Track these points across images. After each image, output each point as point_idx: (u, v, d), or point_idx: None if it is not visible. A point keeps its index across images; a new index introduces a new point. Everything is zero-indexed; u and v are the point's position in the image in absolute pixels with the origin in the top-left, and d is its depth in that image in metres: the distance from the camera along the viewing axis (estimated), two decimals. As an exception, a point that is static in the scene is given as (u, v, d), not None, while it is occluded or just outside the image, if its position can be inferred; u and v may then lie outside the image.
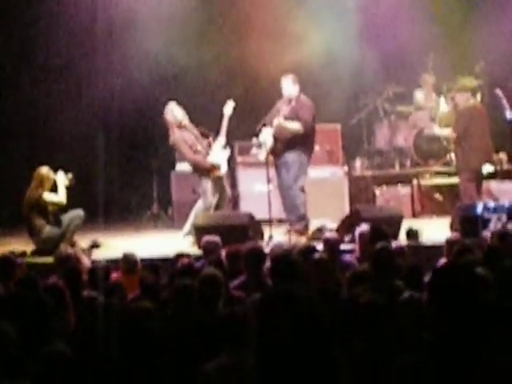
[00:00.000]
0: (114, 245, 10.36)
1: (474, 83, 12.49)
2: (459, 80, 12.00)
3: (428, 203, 12.54)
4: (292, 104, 10.51)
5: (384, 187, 12.71)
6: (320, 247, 8.01)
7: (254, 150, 12.15)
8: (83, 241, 10.24)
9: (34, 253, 9.84)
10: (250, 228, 9.85)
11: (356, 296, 5.02)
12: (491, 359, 3.40)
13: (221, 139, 10.60)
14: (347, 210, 11.46)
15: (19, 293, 5.42)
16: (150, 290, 6.50)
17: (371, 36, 12.84)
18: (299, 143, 10.42)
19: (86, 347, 4.57)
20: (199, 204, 10.67)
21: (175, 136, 10.59)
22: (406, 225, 9.94)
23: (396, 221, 9.92)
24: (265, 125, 10.53)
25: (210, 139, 10.74)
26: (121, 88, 13.19)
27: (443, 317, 3.47)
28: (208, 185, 10.56)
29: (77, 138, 13.27)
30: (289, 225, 10.49)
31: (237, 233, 9.41)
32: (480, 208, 9.72)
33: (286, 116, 10.44)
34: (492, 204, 9.95)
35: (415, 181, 12.73)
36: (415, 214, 12.43)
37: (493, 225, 9.48)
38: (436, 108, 13.45)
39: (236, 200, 12.38)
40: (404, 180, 12.87)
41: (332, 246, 7.73)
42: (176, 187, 12.75)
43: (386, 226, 8.36)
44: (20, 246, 10.06)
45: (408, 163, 13.56)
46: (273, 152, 10.57)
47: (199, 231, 9.56)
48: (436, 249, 8.58)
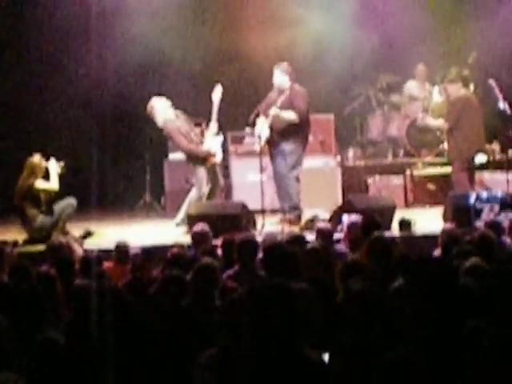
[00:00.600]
0: (107, 234, 10.35)
1: (467, 74, 12.49)
2: (452, 70, 11.99)
3: (421, 193, 12.54)
4: (286, 93, 10.48)
5: (377, 177, 12.71)
6: (313, 237, 8.03)
7: (248, 140, 12.14)
8: (75, 230, 10.22)
9: (27, 242, 9.82)
10: (243, 217, 9.84)
11: (349, 286, 5.01)
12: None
13: (213, 126, 10.54)
14: (340, 200, 11.47)
15: (11, 282, 5.41)
16: (141, 280, 6.50)
17: (364, 25, 12.80)
18: (295, 132, 10.40)
19: (79, 335, 4.56)
20: (193, 193, 10.62)
21: (168, 126, 10.56)
22: (399, 215, 9.93)
23: (389, 211, 9.93)
24: (258, 115, 10.50)
25: (203, 127, 10.69)
26: (113, 75, 13.13)
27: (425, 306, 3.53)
28: (203, 174, 10.52)
29: (68, 127, 13.23)
30: (282, 214, 10.49)
31: (230, 222, 9.41)
32: (473, 198, 9.74)
33: (281, 106, 10.41)
34: (485, 194, 9.97)
35: (408, 171, 12.73)
36: (408, 204, 12.44)
37: (485, 215, 9.50)
38: (429, 98, 13.45)
39: (229, 190, 12.36)
40: (397, 170, 12.87)
41: (325, 236, 7.74)
42: (169, 176, 12.72)
43: (379, 216, 8.36)
44: (12, 236, 10.03)
45: (401, 153, 13.57)
46: (268, 141, 10.54)
47: (192, 220, 9.54)
48: (429, 239, 8.59)
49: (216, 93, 10.52)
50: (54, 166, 10.16)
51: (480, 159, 11.35)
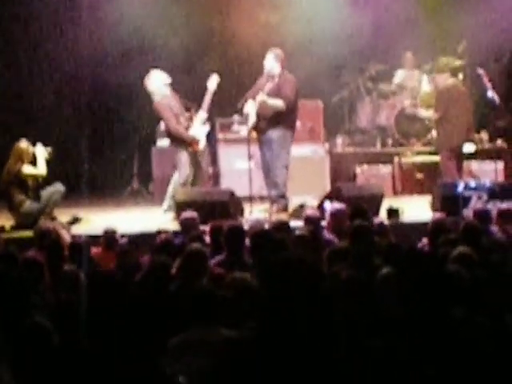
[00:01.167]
0: (94, 220, 10.32)
1: (456, 63, 12.49)
2: (440, 60, 11.99)
3: (409, 182, 12.57)
4: (275, 81, 10.44)
5: (365, 165, 12.72)
6: (301, 224, 8.05)
7: (236, 127, 12.11)
8: (63, 216, 10.19)
9: (14, 228, 9.79)
10: (231, 204, 9.83)
11: (336, 273, 5.03)
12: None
13: (202, 114, 10.50)
14: (328, 188, 11.48)
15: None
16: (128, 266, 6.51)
17: (354, 13, 12.78)
18: (282, 120, 10.36)
19: (66, 320, 4.56)
20: (175, 177, 10.56)
21: (163, 102, 10.45)
22: (387, 203, 9.95)
23: (377, 199, 9.95)
24: (246, 101, 10.46)
25: (192, 112, 10.62)
26: (101, 61, 13.07)
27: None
28: (186, 158, 10.43)
29: (56, 113, 13.16)
30: (270, 202, 10.48)
31: (217, 209, 9.41)
32: (461, 186, 9.76)
33: (269, 93, 10.36)
34: (473, 183, 9.99)
35: (396, 159, 12.75)
36: (396, 193, 12.47)
37: (473, 203, 9.53)
38: (418, 87, 13.46)
39: (217, 177, 12.34)
40: (385, 159, 12.88)
41: (313, 223, 7.76)
42: (157, 163, 12.67)
43: (367, 204, 8.39)
44: (-1, 221, 10.02)
45: (389, 142, 13.57)
46: (256, 129, 10.51)
47: (180, 207, 9.53)
48: (416, 227, 8.61)
49: (212, 81, 10.47)
50: (41, 152, 10.12)
51: (468, 148, 11.37)
